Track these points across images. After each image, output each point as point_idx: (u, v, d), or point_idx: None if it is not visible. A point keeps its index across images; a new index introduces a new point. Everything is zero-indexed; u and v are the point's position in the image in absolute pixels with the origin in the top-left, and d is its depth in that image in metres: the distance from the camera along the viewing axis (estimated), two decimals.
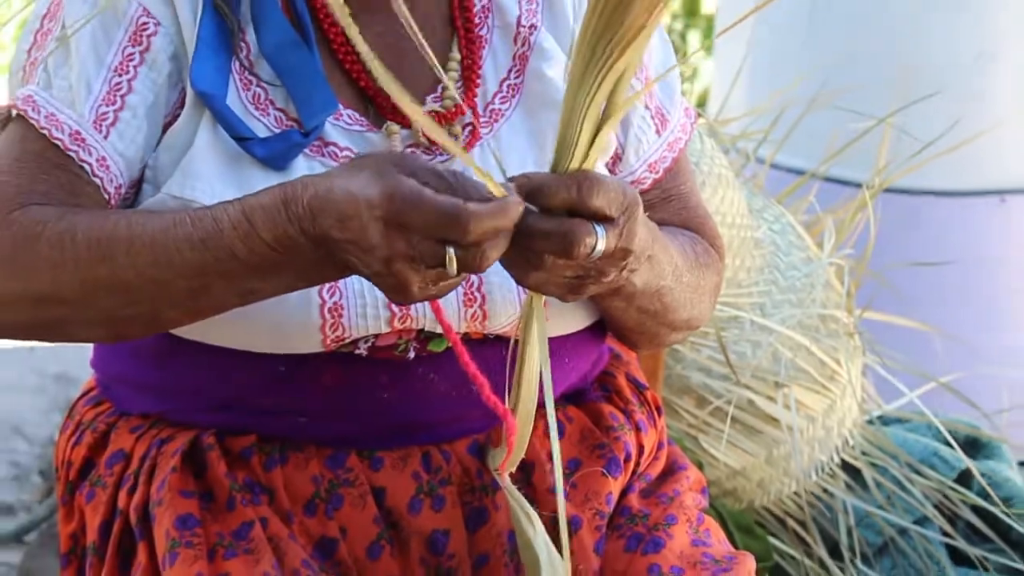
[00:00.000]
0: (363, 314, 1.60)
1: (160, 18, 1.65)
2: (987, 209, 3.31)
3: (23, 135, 1.63)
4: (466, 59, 1.74)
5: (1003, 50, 3.32)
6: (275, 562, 1.64)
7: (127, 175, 1.65)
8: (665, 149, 1.87)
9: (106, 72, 1.64)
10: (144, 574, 1.68)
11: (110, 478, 1.76)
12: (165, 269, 1.50)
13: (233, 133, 1.61)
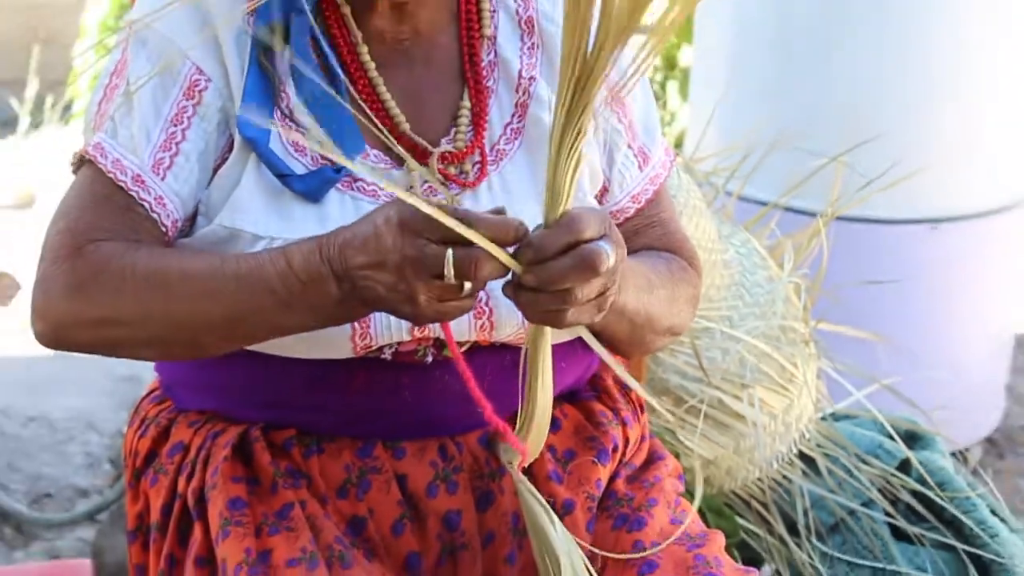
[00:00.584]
0: (387, 324, 1.63)
1: (211, 75, 1.67)
2: (921, 235, 3.33)
3: (93, 178, 1.66)
4: (475, 107, 1.75)
5: (934, 101, 3.34)
6: (312, 538, 1.66)
7: (182, 211, 1.67)
8: (647, 183, 1.88)
9: (163, 123, 1.67)
10: (200, 549, 1.71)
11: (171, 466, 1.78)
12: (210, 301, 1.55)
13: (275, 171, 1.64)
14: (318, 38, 1.70)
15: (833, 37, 3.33)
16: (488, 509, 1.75)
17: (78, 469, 3.47)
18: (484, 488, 1.75)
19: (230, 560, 1.65)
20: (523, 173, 1.76)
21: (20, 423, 3.63)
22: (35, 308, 1.65)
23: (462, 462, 1.74)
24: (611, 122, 1.84)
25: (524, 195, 1.73)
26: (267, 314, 1.54)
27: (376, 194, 1.67)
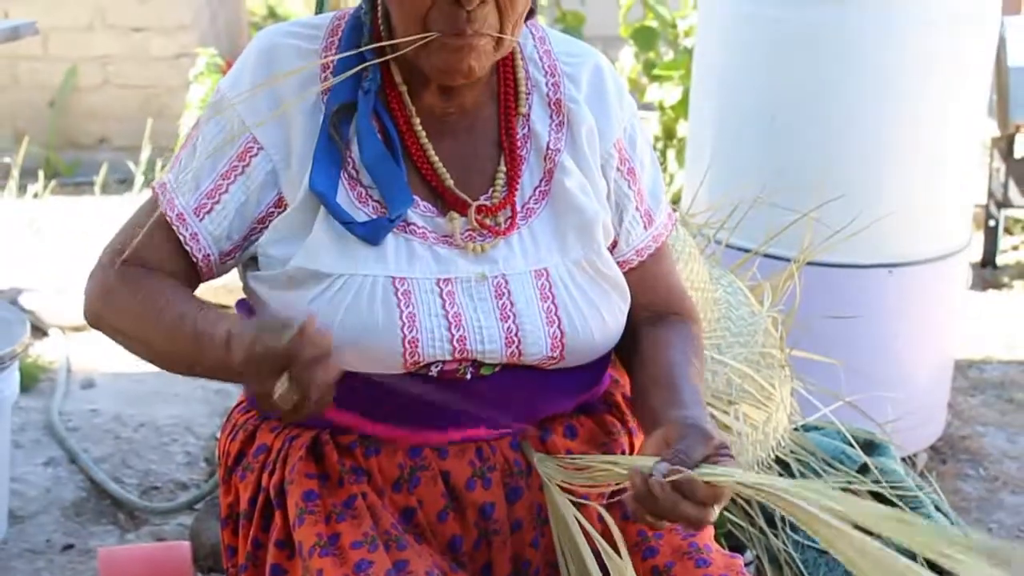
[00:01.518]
0: (432, 345, 1.64)
1: (264, 144, 1.71)
2: (879, 278, 3.32)
3: (152, 205, 1.76)
4: (510, 170, 1.75)
5: (889, 167, 3.34)
6: (372, 524, 1.67)
7: (214, 249, 1.74)
8: (650, 240, 1.89)
9: (215, 176, 1.72)
10: (280, 533, 1.72)
11: (256, 464, 1.79)
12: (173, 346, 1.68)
13: (340, 219, 1.65)
14: (380, 112, 1.71)
15: (805, 113, 3.32)
16: (516, 501, 1.74)
17: (179, 466, 3.47)
18: (513, 484, 1.74)
19: (305, 543, 1.66)
20: (547, 227, 1.76)
21: (132, 428, 3.63)
22: (84, 293, 1.78)
23: (495, 462, 1.74)
24: (623, 187, 1.84)
25: (548, 246, 1.75)
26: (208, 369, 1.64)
27: (425, 235, 1.70)
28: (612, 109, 1.84)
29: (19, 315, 3.19)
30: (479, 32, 1.62)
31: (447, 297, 1.67)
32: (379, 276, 1.65)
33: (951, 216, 3.50)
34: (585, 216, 1.76)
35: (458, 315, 1.66)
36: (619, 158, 1.84)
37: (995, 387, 4.24)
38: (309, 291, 1.66)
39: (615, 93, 1.85)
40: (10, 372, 3.02)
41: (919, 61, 3.27)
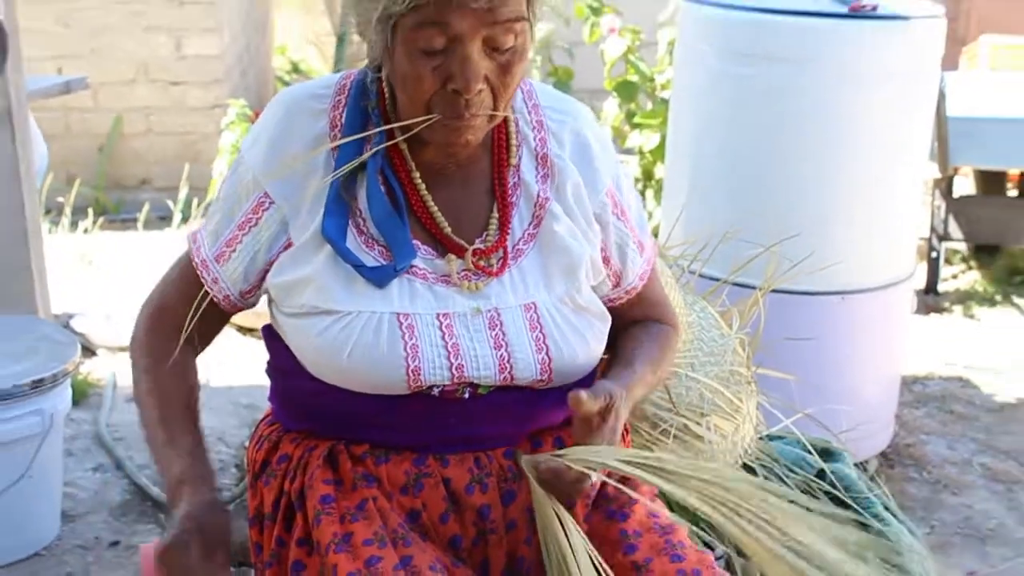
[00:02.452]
0: (433, 373, 1.65)
1: (275, 198, 1.71)
2: (833, 304, 3.33)
3: (185, 253, 1.81)
4: (502, 216, 1.75)
5: (842, 207, 3.35)
6: (382, 524, 1.67)
7: (233, 289, 1.76)
8: (645, 264, 1.91)
9: (233, 227, 1.73)
10: (300, 532, 1.72)
11: (279, 471, 1.79)
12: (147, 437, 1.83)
13: (350, 262, 1.66)
14: (383, 167, 1.71)
15: (768, 159, 3.34)
16: (511, 504, 1.73)
17: None
18: (508, 488, 1.73)
19: (323, 541, 1.66)
20: (535, 266, 1.76)
21: None
22: (131, 337, 1.88)
23: (491, 469, 1.73)
24: (621, 228, 1.85)
25: (535, 283, 1.75)
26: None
27: (426, 276, 1.70)
28: (598, 162, 1.84)
29: (71, 337, 3.19)
30: (476, 114, 1.62)
31: (446, 329, 1.67)
32: (385, 312, 1.65)
33: (897, 248, 3.50)
34: (572, 258, 1.76)
35: (456, 345, 1.67)
36: (612, 204, 1.85)
37: (937, 400, 4.24)
38: (322, 322, 1.67)
39: (599, 148, 1.85)
40: (63, 388, 3.03)
41: (869, 113, 3.28)
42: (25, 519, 3.00)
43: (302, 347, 1.72)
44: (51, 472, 3.07)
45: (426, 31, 1.55)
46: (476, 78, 1.58)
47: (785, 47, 3.22)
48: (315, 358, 1.70)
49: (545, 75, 5.65)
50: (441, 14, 1.53)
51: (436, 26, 1.54)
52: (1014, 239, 5.49)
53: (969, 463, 3.80)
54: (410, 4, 1.52)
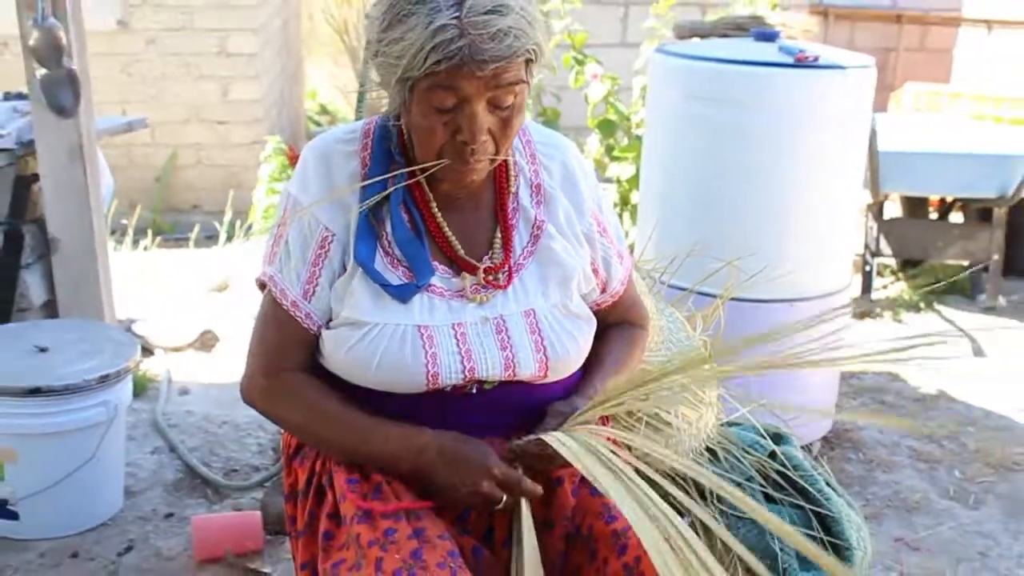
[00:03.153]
0: (449, 376, 1.66)
1: (335, 230, 1.70)
2: (783, 310, 3.33)
3: (270, 301, 1.75)
4: (505, 236, 1.76)
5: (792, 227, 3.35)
6: (398, 502, 1.68)
7: (322, 320, 1.73)
8: (625, 272, 1.92)
9: (307, 266, 1.71)
10: (330, 508, 1.72)
11: (311, 454, 1.79)
12: (344, 442, 1.74)
13: (377, 281, 1.67)
14: (405, 198, 1.72)
15: (727, 187, 3.33)
16: None
17: (254, 454, 3.45)
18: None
19: (348, 514, 1.66)
20: (533, 278, 1.77)
21: (217, 425, 3.62)
22: (243, 384, 1.80)
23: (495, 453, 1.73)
24: (604, 243, 1.86)
25: (534, 292, 1.76)
26: (365, 459, 1.73)
27: (443, 293, 1.71)
28: (583, 189, 1.85)
29: (132, 339, 3.18)
30: (479, 160, 1.64)
31: (460, 337, 1.68)
32: (408, 325, 1.66)
33: (837, 263, 3.50)
34: (566, 270, 1.78)
35: (469, 351, 1.68)
36: (597, 224, 1.86)
37: (870, 392, 4.24)
38: (354, 333, 1.67)
39: (582, 177, 1.86)
40: (125, 383, 3.03)
41: (812, 148, 3.28)
42: (94, 494, 3.00)
43: (335, 356, 1.71)
44: (115, 454, 3.07)
45: (438, 93, 1.56)
46: (481, 132, 1.60)
47: (741, 92, 3.23)
48: (347, 366, 1.71)
49: (536, 115, 5.65)
50: (452, 79, 1.54)
51: (447, 89, 1.56)
52: (935, 254, 5.50)
53: (897, 445, 3.79)
54: (425, 71, 1.53)
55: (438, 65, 1.52)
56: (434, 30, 1.50)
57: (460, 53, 1.50)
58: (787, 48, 3.36)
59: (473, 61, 1.51)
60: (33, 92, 3.34)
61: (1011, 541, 3.22)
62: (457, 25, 1.50)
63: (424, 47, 1.51)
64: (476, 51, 1.50)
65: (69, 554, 2.88)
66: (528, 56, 1.57)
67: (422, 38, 1.51)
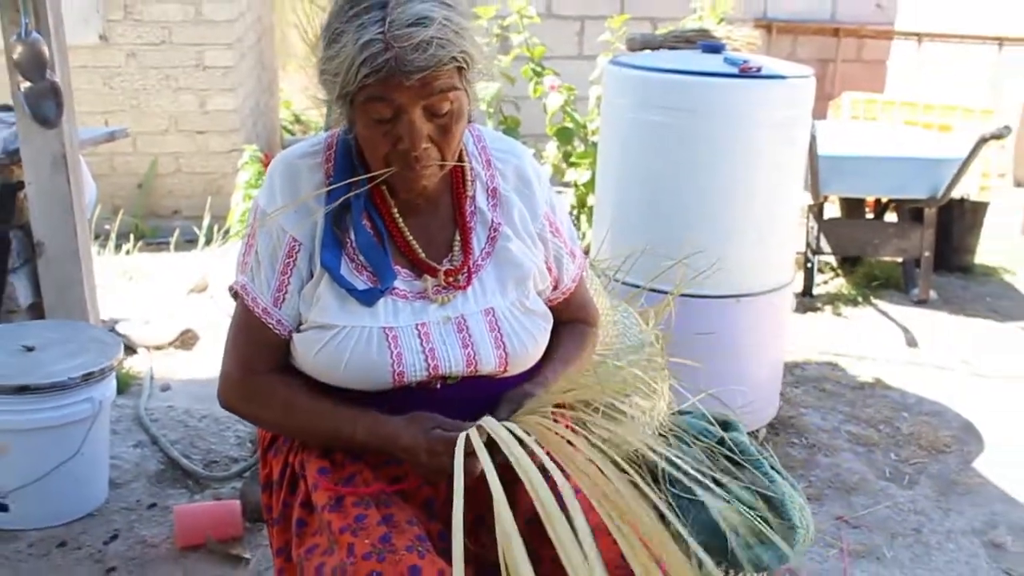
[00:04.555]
0: (414, 373, 1.66)
1: (301, 239, 1.70)
2: (730, 305, 3.35)
3: (243, 309, 1.74)
4: (463, 239, 1.76)
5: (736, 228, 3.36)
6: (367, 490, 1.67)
7: (292, 325, 1.72)
8: (577, 269, 1.92)
9: (276, 275, 1.70)
10: (303, 496, 1.71)
11: (285, 447, 1.79)
12: (319, 432, 1.70)
13: (343, 286, 1.66)
14: (367, 206, 1.72)
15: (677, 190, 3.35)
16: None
17: (232, 446, 3.44)
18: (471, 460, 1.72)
19: (319, 503, 1.66)
20: (491, 278, 1.76)
21: (197, 419, 3.60)
22: (220, 388, 1.76)
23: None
24: (556, 242, 1.86)
25: (492, 291, 1.75)
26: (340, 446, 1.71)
27: (406, 295, 1.72)
28: (536, 191, 1.85)
29: (115, 339, 3.16)
30: (425, 166, 1.64)
31: (424, 337, 1.68)
32: (374, 327, 1.66)
33: (780, 260, 3.52)
34: (522, 270, 1.78)
35: (432, 349, 1.68)
36: (549, 224, 1.86)
37: (812, 381, 4.26)
38: (322, 336, 1.67)
39: (536, 180, 1.87)
40: (109, 380, 3.00)
41: (757, 153, 3.29)
42: (80, 486, 2.98)
43: (305, 358, 1.71)
44: (100, 448, 3.05)
45: (375, 105, 1.57)
46: (420, 139, 1.60)
47: (689, 100, 3.24)
48: (317, 367, 1.70)
49: (497, 123, 5.64)
50: (384, 90, 1.55)
51: (382, 101, 1.56)
52: (871, 252, 5.54)
53: (838, 430, 3.82)
54: (359, 84, 1.54)
55: (368, 78, 1.53)
56: (362, 45, 1.51)
57: (387, 65, 1.51)
58: (732, 59, 3.38)
59: (400, 72, 1.51)
60: (18, 104, 3.32)
61: (942, 517, 3.25)
62: (382, 39, 1.50)
63: (355, 62, 1.52)
64: (402, 62, 1.50)
65: (57, 543, 2.85)
66: (458, 64, 1.58)
67: (352, 53, 1.52)
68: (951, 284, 5.69)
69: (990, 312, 5.30)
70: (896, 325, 5.04)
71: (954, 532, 3.16)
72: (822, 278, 5.66)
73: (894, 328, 5.00)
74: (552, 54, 6.11)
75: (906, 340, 4.86)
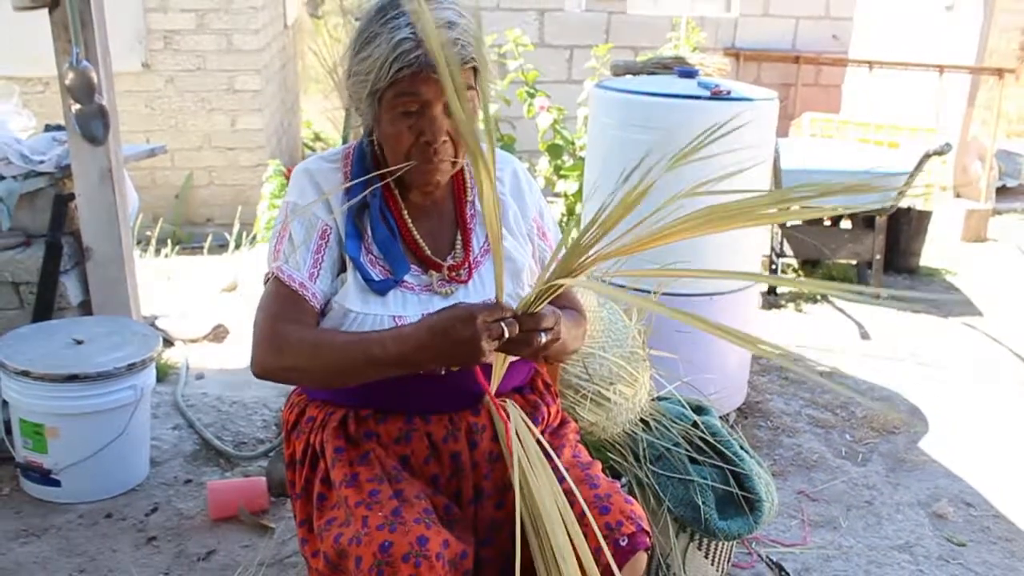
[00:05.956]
0: None
1: (332, 226, 1.68)
2: (705, 302, 3.34)
3: (277, 285, 1.67)
4: (464, 240, 1.77)
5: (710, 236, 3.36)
6: (380, 468, 1.66)
7: (323, 300, 1.68)
8: None
9: (311, 254, 1.67)
10: (323, 473, 1.71)
11: (306, 428, 1.77)
12: (349, 362, 1.57)
13: (364, 276, 1.65)
14: (382, 207, 1.72)
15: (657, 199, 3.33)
16: (475, 450, 1.72)
17: (259, 429, 3.42)
18: (473, 439, 1.72)
19: (337, 479, 1.65)
20: (491, 275, 1.75)
21: (228, 404, 3.59)
22: (253, 358, 1.65)
23: (461, 425, 1.72)
24: (543, 244, 1.86)
25: (491, 285, 1.73)
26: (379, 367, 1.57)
27: (413, 288, 1.71)
28: (527, 197, 1.87)
29: (155, 332, 3.15)
30: (442, 160, 1.65)
31: None
32: (385, 315, 1.65)
33: (748, 263, 3.51)
34: (517, 265, 1.78)
35: None
36: (537, 227, 1.87)
37: (776, 370, 4.25)
38: (342, 320, 1.66)
39: (527, 186, 1.88)
40: (150, 369, 3.00)
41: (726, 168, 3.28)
42: (123, 464, 2.97)
43: None
44: (142, 430, 3.04)
45: (403, 99, 1.59)
46: (441, 131, 1.62)
47: (666, 120, 3.23)
48: None
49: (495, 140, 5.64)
50: (413, 85, 1.57)
51: (410, 95, 1.59)
52: (829, 255, 5.54)
53: (799, 414, 3.82)
54: (390, 79, 1.56)
55: (400, 72, 1.55)
56: (395, 43, 1.54)
57: (418, 60, 1.54)
58: (705, 83, 3.38)
59: (430, 66, 1.53)
60: (69, 124, 3.31)
61: (891, 491, 3.24)
62: (414, 38, 1.54)
63: (388, 58, 1.55)
64: (431, 58, 1.51)
65: (104, 515, 2.85)
66: (474, 65, 1.60)
67: (386, 52, 1.55)
68: (899, 284, 5.70)
69: (933, 308, 5.30)
70: (851, 320, 5.04)
71: (902, 504, 3.16)
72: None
73: (849, 323, 5.01)
74: (544, 78, 6.11)
75: (860, 333, 4.87)
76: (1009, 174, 8.05)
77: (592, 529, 1.59)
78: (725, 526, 2.31)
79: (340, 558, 1.55)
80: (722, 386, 3.32)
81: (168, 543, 2.72)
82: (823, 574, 2.73)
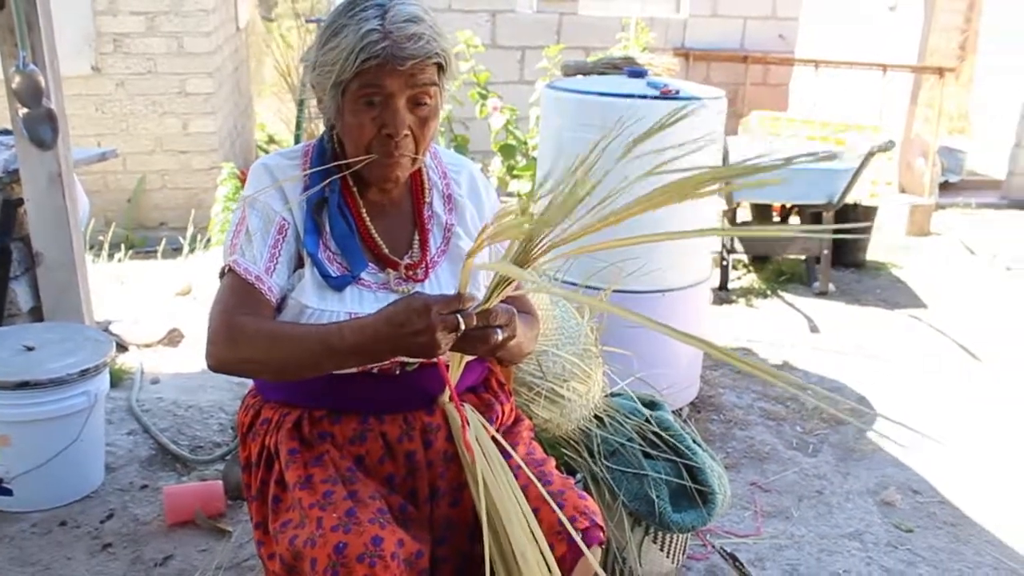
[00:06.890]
0: None
1: (289, 220, 1.67)
2: (656, 299, 3.35)
3: (233, 279, 1.64)
4: (421, 239, 1.76)
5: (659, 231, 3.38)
6: (334, 468, 1.65)
7: (279, 294, 1.65)
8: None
9: (268, 248, 1.65)
10: (277, 475, 1.69)
11: (261, 431, 1.75)
12: (306, 353, 1.53)
13: (321, 272, 1.64)
14: (340, 205, 1.70)
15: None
16: (430, 449, 1.71)
17: (215, 432, 3.39)
18: (427, 438, 1.71)
19: (291, 481, 1.64)
20: (446, 273, 1.76)
21: (184, 409, 3.54)
22: (207, 352, 1.60)
23: (416, 424, 1.71)
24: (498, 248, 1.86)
25: (447, 285, 1.74)
26: (335, 358, 1.53)
27: (370, 285, 1.70)
28: (484, 200, 1.87)
29: (108, 338, 3.11)
30: (402, 154, 1.64)
31: None
32: (341, 311, 1.64)
33: (699, 259, 3.53)
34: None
35: None
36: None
37: (728, 364, 4.28)
38: (298, 316, 1.64)
39: (484, 189, 1.88)
40: (103, 375, 2.95)
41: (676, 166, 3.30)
42: (77, 471, 2.92)
43: None
44: (96, 436, 2.99)
45: (367, 90, 1.58)
46: (403, 125, 1.61)
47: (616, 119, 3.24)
48: None
49: (449, 141, 5.63)
50: (378, 76, 1.56)
51: (374, 87, 1.58)
52: (779, 251, 5.60)
53: (751, 407, 3.85)
54: (355, 70, 1.56)
55: (366, 64, 1.55)
56: (362, 35, 1.54)
57: (384, 52, 1.54)
58: (654, 83, 3.39)
59: (395, 58, 1.54)
60: (17, 128, 3.26)
61: (841, 480, 3.29)
62: (380, 30, 1.54)
63: (355, 49, 1.54)
64: (397, 50, 1.53)
65: (58, 523, 2.80)
66: (439, 60, 1.60)
67: (352, 42, 1.55)
68: (847, 278, 5.77)
69: (880, 302, 5.37)
70: (800, 314, 5.10)
71: (852, 493, 3.20)
72: (736, 274, 5.71)
73: (799, 317, 5.06)
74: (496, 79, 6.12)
75: (809, 327, 4.92)
76: (951, 170, 8.19)
77: (547, 525, 1.59)
78: (679, 519, 2.32)
79: (296, 560, 1.54)
80: (675, 381, 3.34)
81: (124, 550, 2.68)
82: (776, 563, 2.76)
